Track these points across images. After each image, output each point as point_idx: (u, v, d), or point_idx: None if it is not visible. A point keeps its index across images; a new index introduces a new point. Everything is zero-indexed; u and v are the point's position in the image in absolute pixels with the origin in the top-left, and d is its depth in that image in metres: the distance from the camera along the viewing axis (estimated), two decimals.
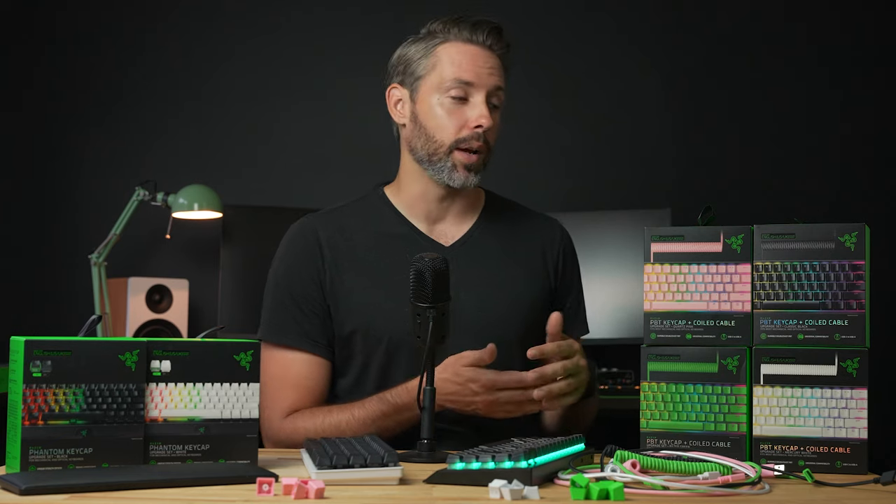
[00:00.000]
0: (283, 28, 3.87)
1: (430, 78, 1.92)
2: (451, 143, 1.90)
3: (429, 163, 1.92)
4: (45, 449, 1.41)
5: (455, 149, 1.90)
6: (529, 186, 3.60)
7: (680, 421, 1.61)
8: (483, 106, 1.89)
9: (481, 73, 1.90)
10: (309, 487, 1.28)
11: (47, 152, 3.81)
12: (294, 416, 1.88)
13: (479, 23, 1.92)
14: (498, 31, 1.94)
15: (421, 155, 1.93)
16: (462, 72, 1.89)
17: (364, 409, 1.84)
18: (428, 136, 1.92)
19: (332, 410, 1.87)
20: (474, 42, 1.91)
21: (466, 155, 1.90)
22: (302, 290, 1.93)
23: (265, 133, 3.84)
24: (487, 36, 1.92)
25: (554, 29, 3.86)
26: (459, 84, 1.89)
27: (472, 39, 1.91)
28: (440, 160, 1.91)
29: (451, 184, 1.91)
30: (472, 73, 1.89)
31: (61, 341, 1.43)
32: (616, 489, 1.28)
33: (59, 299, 3.73)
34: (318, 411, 1.88)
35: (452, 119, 1.90)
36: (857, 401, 1.55)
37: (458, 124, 1.90)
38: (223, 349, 1.52)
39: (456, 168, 1.90)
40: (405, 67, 1.96)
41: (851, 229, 1.58)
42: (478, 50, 1.91)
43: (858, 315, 1.56)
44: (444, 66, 1.91)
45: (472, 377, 1.75)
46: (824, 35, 3.78)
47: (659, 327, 1.63)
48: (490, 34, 1.92)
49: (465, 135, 1.89)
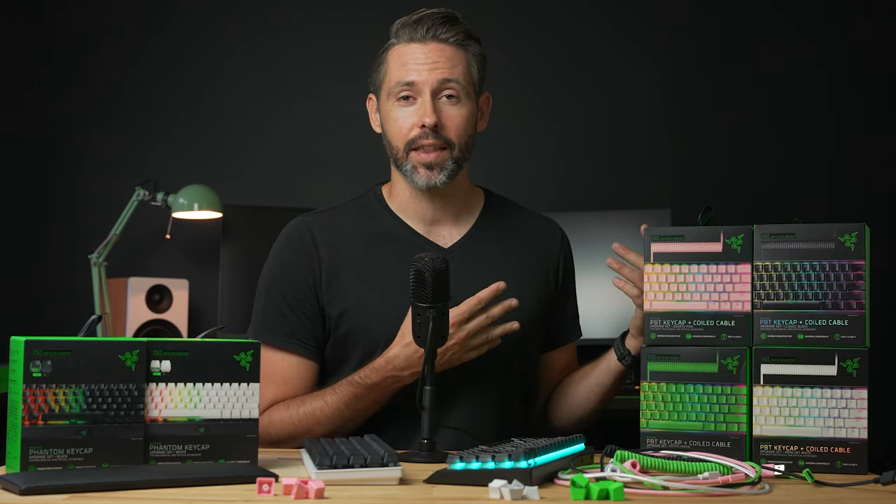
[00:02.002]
0: (284, 28, 3.87)
1: (384, 84, 1.92)
2: (404, 146, 1.88)
3: (397, 167, 1.92)
4: (45, 449, 1.41)
5: (410, 150, 1.88)
6: (529, 186, 3.60)
7: (680, 421, 1.61)
8: (428, 104, 1.86)
9: (421, 70, 1.87)
10: (309, 487, 1.28)
11: (47, 152, 3.81)
12: (270, 410, 1.89)
13: (421, 19, 1.89)
14: (446, 19, 1.89)
15: (391, 161, 1.93)
16: (403, 73, 1.88)
17: (336, 395, 1.84)
18: (389, 142, 1.92)
19: (305, 400, 1.87)
20: (415, 39, 1.89)
21: (422, 154, 1.87)
22: (294, 291, 1.92)
23: (265, 133, 3.84)
24: (429, 28, 1.88)
25: (553, 29, 3.86)
26: (402, 86, 1.87)
27: (413, 37, 1.89)
28: (402, 164, 1.90)
29: (415, 185, 1.90)
30: (412, 71, 1.87)
31: (61, 341, 1.43)
32: (616, 489, 1.28)
33: (60, 299, 3.73)
34: (292, 402, 1.88)
35: (402, 122, 1.88)
36: (857, 401, 1.55)
37: (408, 126, 1.88)
38: (223, 349, 1.52)
39: (416, 170, 1.89)
40: (371, 76, 1.97)
41: (851, 229, 1.58)
42: (419, 46, 1.88)
43: (858, 315, 1.56)
44: (391, 69, 1.90)
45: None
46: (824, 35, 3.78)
47: (659, 327, 1.63)
48: (434, 26, 1.88)
49: (414, 135, 1.87)
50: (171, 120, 3.84)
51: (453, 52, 1.89)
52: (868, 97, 3.75)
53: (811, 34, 3.78)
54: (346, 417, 1.83)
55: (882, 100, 3.74)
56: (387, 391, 1.82)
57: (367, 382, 1.81)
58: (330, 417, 1.83)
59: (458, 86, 1.88)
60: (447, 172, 1.88)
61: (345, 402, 1.83)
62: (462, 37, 1.90)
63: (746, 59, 3.81)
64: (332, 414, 1.83)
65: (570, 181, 3.79)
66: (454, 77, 1.88)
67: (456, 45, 1.90)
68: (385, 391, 1.82)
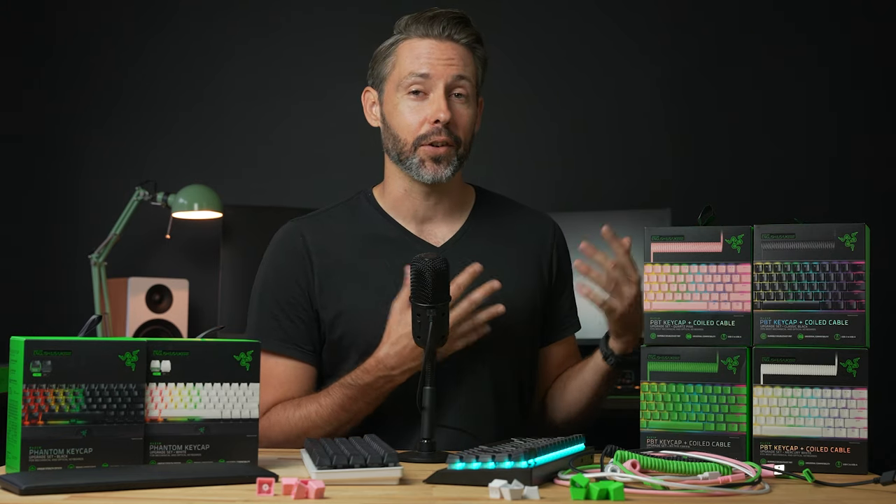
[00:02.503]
0: (283, 28, 3.87)
1: (392, 77, 1.91)
2: (413, 140, 1.88)
3: (400, 162, 1.91)
4: (45, 449, 1.41)
5: (419, 145, 1.89)
6: (530, 187, 3.60)
7: (680, 421, 1.61)
8: (441, 100, 1.87)
9: (437, 65, 1.87)
10: (309, 487, 1.28)
11: (47, 152, 3.81)
12: (268, 414, 1.89)
13: (436, 16, 1.90)
14: (460, 20, 1.91)
15: (393, 155, 1.93)
16: (418, 65, 1.88)
17: (329, 397, 1.84)
18: (394, 135, 1.91)
19: (301, 403, 1.87)
20: (431, 35, 1.89)
21: (431, 148, 1.88)
22: (288, 296, 1.92)
23: (265, 133, 3.84)
24: (445, 27, 1.89)
25: (554, 29, 3.86)
26: (416, 77, 1.87)
27: (428, 33, 1.89)
28: (408, 158, 1.90)
29: (422, 179, 1.90)
30: (427, 64, 1.87)
31: (61, 341, 1.43)
32: (616, 489, 1.28)
33: (60, 299, 3.73)
34: (289, 404, 1.88)
35: (413, 116, 1.88)
36: (857, 401, 1.55)
37: (419, 121, 1.88)
38: (223, 349, 1.52)
39: (424, 163, 1.89)
40: (373, 69, 1.96)
41: (851, 229, 1.57)
42: (434, 42, 1.89)
43: (858, 315, 1.56)
44: (403, 62, 1.89)
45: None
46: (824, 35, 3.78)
47: (659, 327, 1.63)
48: (449, 25, 1.89)
49: (426, 130, 1.87)
50: (171, 120, 3.84)
51: (465, 52, 1.91)
52: (868, 97, 3.75)
53: (811, 34, 3.78)
54: (341, 420, 1.83)
55: (882, 100, 3.74)
56: (380, 392, 1.81)
57: (359, 383, 1.81)
58: (326, 420, 1.83)
59: (469, 84, 1.90)
60: (452, 168, 1.90)
61: (339, 404, 1.83)
62: (472, 39, 1.92)
63: (746, 59, 3.81)
64: (328, 416, 1.83)
65: (570, 181, 3.79)
66: (466, 75, 1.90)
67: (467, 46, 1.91)
68: (378, 392, 1.81)
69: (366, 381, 1.81)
